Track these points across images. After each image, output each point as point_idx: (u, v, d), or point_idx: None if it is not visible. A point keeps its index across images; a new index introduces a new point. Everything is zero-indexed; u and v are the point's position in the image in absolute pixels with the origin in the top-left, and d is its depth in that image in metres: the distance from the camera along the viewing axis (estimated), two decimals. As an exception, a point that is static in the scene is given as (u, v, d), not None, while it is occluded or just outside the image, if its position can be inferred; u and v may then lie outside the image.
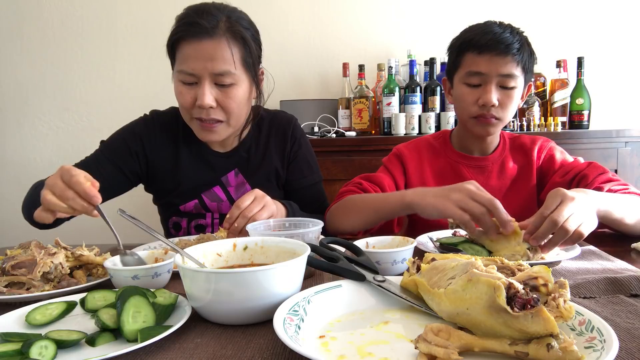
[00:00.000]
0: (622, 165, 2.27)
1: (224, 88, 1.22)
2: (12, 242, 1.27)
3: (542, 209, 0.93)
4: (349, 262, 0.78)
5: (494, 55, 1.24)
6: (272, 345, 0.63)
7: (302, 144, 1.47)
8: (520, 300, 0.53)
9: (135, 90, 2.83)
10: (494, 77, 1.26)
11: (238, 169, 1.40)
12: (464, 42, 1.30)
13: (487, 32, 1.26)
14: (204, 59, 1.17)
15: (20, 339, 0.63)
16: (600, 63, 2.65)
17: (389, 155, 1.48)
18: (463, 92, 1.31)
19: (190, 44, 1.18)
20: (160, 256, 0.94)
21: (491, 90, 1.26)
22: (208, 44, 1.17)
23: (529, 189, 1.38)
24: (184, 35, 1.19)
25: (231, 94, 1.22)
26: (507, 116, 1.31)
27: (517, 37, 1.26)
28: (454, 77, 1.35)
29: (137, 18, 2.79)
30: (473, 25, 1.33)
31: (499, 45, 1.23)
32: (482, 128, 1.32)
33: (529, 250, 0.92)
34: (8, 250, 0.96)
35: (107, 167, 1.33)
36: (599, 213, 1.00)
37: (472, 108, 1.30)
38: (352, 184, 1.37)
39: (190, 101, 1.22)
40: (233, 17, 1.22)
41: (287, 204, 1.23)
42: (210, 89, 1.20)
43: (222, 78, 1.20)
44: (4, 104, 2.88)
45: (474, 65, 1.27)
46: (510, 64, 1.24)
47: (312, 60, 2.78)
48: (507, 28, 1.27)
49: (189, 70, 1.19)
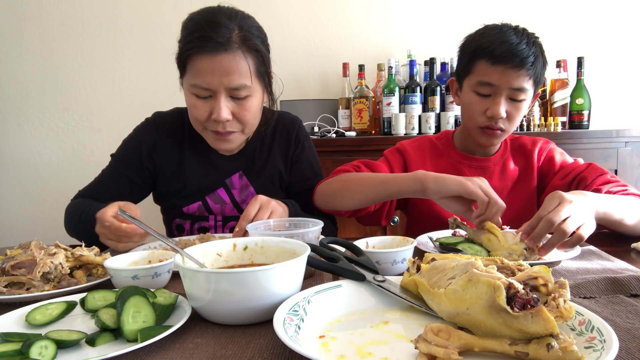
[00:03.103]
0: (622, 166, 2.27)
1: (239, 100, 1.20)
2: (12, 242, 1.27)
3: (540, 211, 0.93)
4: (349, 262, 0.78)
5: (507, 68, 1.21)
6: (272, 345, 0.63)
7: (306, 146, 1.46)
8: (520, 300, 0.53)
9: (135, 90, 2.83)
10: (504, 89, 1.23)
11: (242, 171, 1.40)
12: (478, 49, 1.25)
13: (503, 41, 1.21)
14: (219, 74, 1.15)
15: (20, 339, 0.63)
16: (600, 63, 2.65)
17: (391, 148, 1.46)
18: (472, 100, 1.29)
19: (205, 58, 1.15)
20: (161, 256, 0.94)
21: (500, 103, 1.24)
22: (223, 58, 1.15)
23: (530, 191, 1.38)
24: (198, 50, 1.15)
25: (247, 106, 1.22)
26: (513, 127, 1.30)
27: (533, 48, 1.22)
28: (464, 81, 1.32)
29: (137, 18, 2.79)
30: (489, 28, 1.28)
31: (514, 59, 1.20)
32: (487, 139, 1.31)
33: (525, 250, 0.92)
34: (8, 250, 0.96)
35: (121, 181, 1.36)
36: (598, 215, 1.00)
37: (479, 118, 1.28)
38: (349, 165, 1.35)
39: (205, 115, 1.21)
40: (245, 27, 1.19)
41: (290, 203, 1.23)
42: (226, 103, 1.19)
43: (238, 92, 1.19)
44: (4, 104, 2.88)
45: (486, 76, 1.24)
46: (522, 77, 1.21)
47: (312, 60, 2.78)
48: (524, 37, 1.22)
49: (204, 85, 1.17)
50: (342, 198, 1.24)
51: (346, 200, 1.23)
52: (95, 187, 1.37)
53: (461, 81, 1.34)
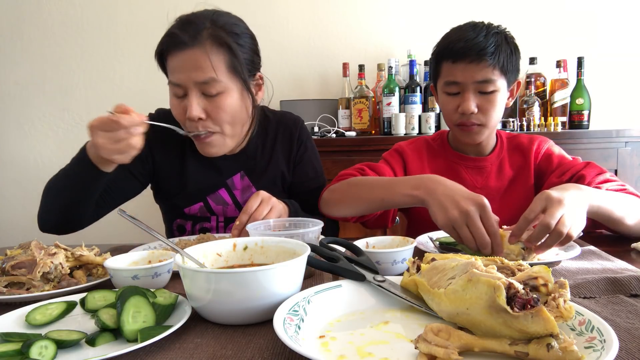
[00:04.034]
0: (622, 165, 2.27)
1: (211, 98, 1.19)
2: (12, 242, 1.27)
3: (527, 212, 0.92)
4: (349, 262, 0.78)
5: (467, 63, 1.22)
6: (272, 345, 0.63)
7: (308, 146, 1.46)
8: (520, 300, 0.53)
9: (135, 90, 2.83)
10: (470, 84, 1.24)
11: (244, 171, 1.39)
12: (442, 51, 1.29)
13: (460, 38, 1.24)
14: (187, 69, 1.17)
15: (20, 339, 0.63)
16: (600, 63, 2.65)
17: (390, 150, 1.47)
18: (444, 100, 1.32)
19: (175, 55, 1.18)
20: (161, 256, 0.94)
21: (469, 98, 1.25)
22: (189, 54, 1.16)
23: (527, 189, 1.37)
24: (168, 48, 1.20)
25: (220, 104, 1.20)
26: (490, 121, 1.29)
27: (492, 38, 1.23)
28: (437, 84, 1.35)
29: (137, 18, 2.79)
30: (452, 29, 1.31)
31: (471, 52, 1.21)
32: (467, 136, 1.32)
33: (523, 250, 0.93)
34: (8, 250, 0.96)
35: (118, 172, 1.32)
36: (592, 209, 0.99)
37: (453, 116, 1.30)
38: (353, 169, 1.35)
39: (182, 113, 1.22)
40: (219, 23, 1.20)
41: (290, 203, 1.22)
42: (197, 100, 1.18)
43: (208, 87, 1.18)
44: (4, 104, 2.88)
45: (451, 75, 1.26)
46: (485, 69, 1.22)
47: (312, 60, 2.78)
48: (482, 30, 1.24)
49: (175, 81, 1.19)
50: (347, 205, 1.23)
51: (352, 207, 1.23)
52: None
53: (435, 85, 1.37)
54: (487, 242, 0.91)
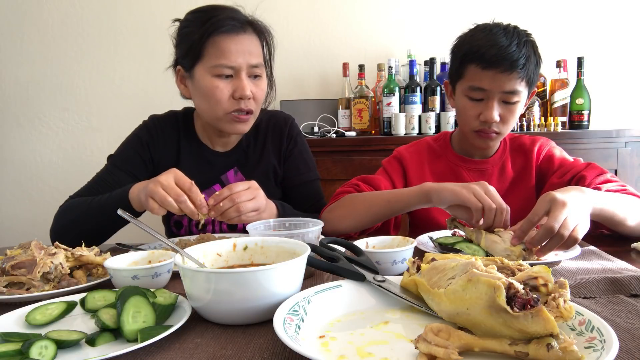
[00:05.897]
0: (622, 166, 2.27)
1: (255, 80, 1.30)
2: (12, 242, 1.27)
3: (530, 215, 0.92)
4: (349, 262, 0.78)
5: (498, 72, 1.19)
6: (272, 345, 0.63)
7: (298, 142, 1.49)
8: (520, 300, 0.53)
9: (135, 90, 2.83)
10: (496, 93, 1.22)
11: (237, 167, 1.43)
12: (469, 52, 1.24)
13: (492, 44, 1.19)
14: (242, 52, 1.25)
15: (20, 339, 0.63)
16: (600, 63, 2.65)
17: (389, 157, 1.46)
18: (465, 105, 1.28)
19: (229, 38, 1.24)
20: (161, 256, 0.94)
21: (493, 107, 1.23)
22: (245, 38, 1.26)
23: (529, 190, 1.37)
24: (224, 31, 1.24)
25: (262, 86, 1.32)
26: (508, 130, 1.30)
27: (524, 49, 1.20)
28: (457, 85, 1.31)
29: (137, 18, 2.79)
30: (479, 29, 1.27)
31: (505, 63, 1.18)
32: (483, 142, 1.31)
33: (524, 250, 0.92)
34: (8, 250, 0.96)
35: (122, 177, 1.35)
36: (595, 211, 0.99)
37: (473, 122, 1.28)
38: (348, 185, 1.35)
39: (227, 95, 1.27)
40: (254, 17, 1.32)
41: (279, 204, 1.24)
42: (247, 81, 1.28)
43: (256, 70, 1.29)
44: (4, 104, 2.88)
45: (477, 81, 1.23)
46: (514, 80, 1.20)
47: (312, 60, 2.78)
48: (514, 38, 1.20)
49: (230, 63, 1.24)
50: (348, 222, 1.23)
51: (353, 224, 1.23)
52: (93, 187, 1.35)
53: (454, 84, 1.33)
54: (501, 202, 1.00)
